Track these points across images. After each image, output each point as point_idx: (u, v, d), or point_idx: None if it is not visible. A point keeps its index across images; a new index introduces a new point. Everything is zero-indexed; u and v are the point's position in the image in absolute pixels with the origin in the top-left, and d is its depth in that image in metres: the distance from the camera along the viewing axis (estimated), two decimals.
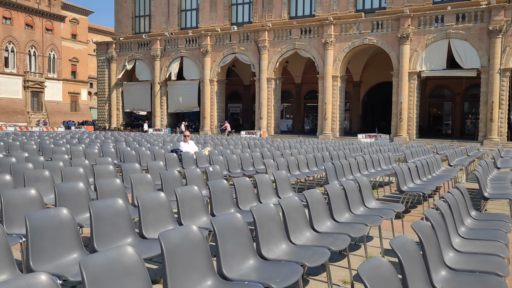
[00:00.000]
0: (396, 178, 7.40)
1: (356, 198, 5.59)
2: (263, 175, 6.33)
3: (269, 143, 16.94)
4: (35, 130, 34.68)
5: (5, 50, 59.76)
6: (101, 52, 46.47)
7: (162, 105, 43.68)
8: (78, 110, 69.75)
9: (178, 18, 44.70)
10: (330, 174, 7.69)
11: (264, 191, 6.07)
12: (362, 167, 9.64)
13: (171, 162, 8.96)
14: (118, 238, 4.09)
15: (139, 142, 16.67)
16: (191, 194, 5.17)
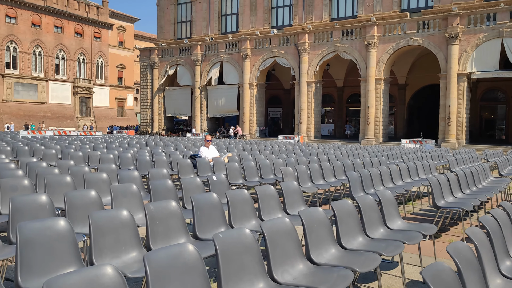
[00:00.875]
0: (431, 190, 6.46)
1: (375, 217, 4.76)
2: (268, 187, 5.70)
3: (302, 149, 16.15)
4: (73, 134, 35.61)
5: (56, 57, 62.30)
6: (144, 58, 47.29)
7: (202, 109, 43.75)
8: (124, 115, 71.58)
9: (219, 23, 44.71)
10: (354, 186, 6.85)
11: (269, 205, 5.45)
12: (395, 177, 8.68)
13: (184, 169, 8.45)
14: (172, 238, 4.22)
15: (175, 145, 16.41)
16: (241, 197, 5.25)
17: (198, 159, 9.42)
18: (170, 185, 5.97)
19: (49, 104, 61.48)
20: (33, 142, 16.51)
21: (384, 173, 8.27)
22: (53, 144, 15.08)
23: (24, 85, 58.60)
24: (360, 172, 7.36)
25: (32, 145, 13.57)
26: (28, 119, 57.04)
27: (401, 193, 8.10)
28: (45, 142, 16.89)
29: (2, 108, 56.03)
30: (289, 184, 5.74)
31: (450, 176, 7.66)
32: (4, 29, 56.04)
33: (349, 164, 9.80)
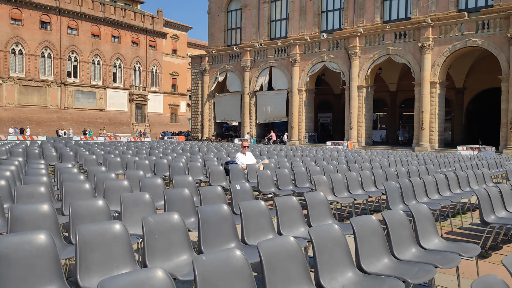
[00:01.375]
0: (479, 204, 5.81)
1: (406, 235, 4.28)
2: (318, 193, 5.46)
3: (348, 156, 15.54)
4: (123, 139, 36.78)
5: (113, 66, 65.01)
6: (195, 65, 48.19)
7: (251, 115, 43.82)
8: (177, 121, 73.32)
9: (268, 28, 44.71)
10: (391, 197, 6.32)
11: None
12: (442, 187, 8.00)
13: (216, 176, 8.26)
14: (223, 242, 4.30)
15: (216, 152, 16.37)
16: (290, 204, 5.28)
17: (231, 165, 9.21)
18: (219, 190, 6.11)
19: (107, 111, 64.17)
20: (92, 147, 17.11)
21: (429, 183, 7.64)
22: (111, 149, 15.57)
23: (83, 93, 61.57)
24: (400, 182, 6.81)
25: (92, 150, 14.12)
26: (87, 125, 59.82)
27: (448, 206, 7.43)
28: (94, 147, 17.42)
29: (63, 114, 59.14)
30: (315, 195, 5.36)
31: (503, 188, 6.92)
32: (66, 40, 59.24)
33: (392, 172, 9.19)
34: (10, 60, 54.30)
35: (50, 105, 58.28)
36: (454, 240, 6.55)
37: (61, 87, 59.12)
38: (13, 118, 53.92)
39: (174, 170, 9.07)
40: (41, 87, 57.30)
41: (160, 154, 13.03)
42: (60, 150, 14.10)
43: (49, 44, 57.60)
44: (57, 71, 58.60)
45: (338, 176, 7.48)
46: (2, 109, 53.64)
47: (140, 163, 9.73)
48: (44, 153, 13.71)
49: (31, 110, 56.19)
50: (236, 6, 46.93)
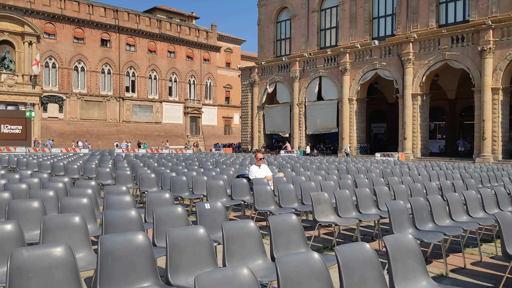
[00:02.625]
0: (501, 233, 4.68)
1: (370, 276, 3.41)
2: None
3: (391, 168, 14.31)
4: (164, 151, 37.19)
5: (169, 80, 66.86)
6: (244, 77, 48.21)
7: (301, 126, 42.92)
8: (230, 133, 73.84)
9: (317, 37, 43.80)
10: (396, 220, 5.29)
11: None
12: (473, 207, 6.80)
13: (215, 191, 7.62)
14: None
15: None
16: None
17: (235, 180, 8.53)
18: (348, 194, 6.59)
19: (163, 124, 65.94)
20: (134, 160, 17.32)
21: (454, 202, 6.50)
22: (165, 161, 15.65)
23: (141, 106, 63.72)
24: (411, 202, 5.80)
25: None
26: (144, 138, 61.72)
27: (476, 230, 6.26)
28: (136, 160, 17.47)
29: (122, 128, 61.46)
30: (284, 218, 4.56)
31: None
32: (125, 56, 61.77)
33: (419, 188, 8.05)
34: (73, 77, 57.39)
35: (109, 119, 60.82)
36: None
37: (120, 102, 61.57)
38: (75, 132, 56.75)
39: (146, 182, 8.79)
40: (101, 101, 59.99)
41: (184, 169, 12.63)
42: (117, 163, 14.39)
43: (109, 60, 60.32)
44: (116, 86, 61.15)
45: (345, 193, 6.55)
46: (65, 123, 56.68)
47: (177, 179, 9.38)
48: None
49: (91, 124, 58.91)
50: (285, 16, 46.52)
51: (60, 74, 56.14)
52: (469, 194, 6.87)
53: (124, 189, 7.07)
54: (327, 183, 8.19)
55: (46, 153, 26.70)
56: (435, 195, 6.47)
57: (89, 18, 58.11)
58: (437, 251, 6.30)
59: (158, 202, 6.16)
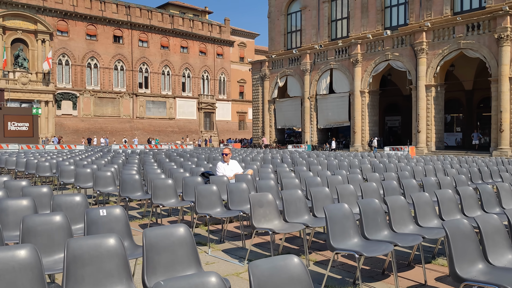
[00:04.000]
0: (449, 247, 3.81)
1: None
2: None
3: (400, 163, 13.44)
4: (164, 147, 36.77)
5: (182, 76, 66.62)
6: (255, 71, 47.47)
7: (312, 120, 41.96)
8: (245, 128, 73.24)
9: (328, 29, 42.68)
10: (333, 229, 4.44)
11: None
12: (447, 209, 5.93)
13: (191, 188, 7.07)
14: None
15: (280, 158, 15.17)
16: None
17: (214, 177, 7.83)
18: (300, 194, 6.02)
19: (176, 120, 65.80)
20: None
21: (423, 204, 5.64)
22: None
23: (154, 102, 63.68)
24: (387, 201, 5.03)
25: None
26: (157, 134, 61.71)
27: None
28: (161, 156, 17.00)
29: (135, 124, 61.56)
30: (169, 231, 3.75)
31: None
32: (138, 52, 61.75)
33: (413, 185, 7.26)
34: (86, 74, 57.66)
35: (123, 115, 60.97)
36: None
37: (133, 98, 61.65)
38: (89, 129, 57.07)
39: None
40: (115, 98, 60.16)
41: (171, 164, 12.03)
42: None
43: (122, 57, 60.39)
44: (129, 82, 61.22)
45: (297, 194, 5.73)
46: (79, 120, 57.05)
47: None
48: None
49: (105, 120, 59.15)
50: (296, 8, 45.50)
51: (73, 71, 56.47)
52: (444, 194, 6.00)
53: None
54: (291, 181, 7.44)
55: (38, 150, 26.48)
56: (419, 193, 5.69)
57: (101, 15, 58.22)
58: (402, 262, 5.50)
59: None
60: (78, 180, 9.19)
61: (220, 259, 5.42)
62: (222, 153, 8.69)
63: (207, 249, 5.79)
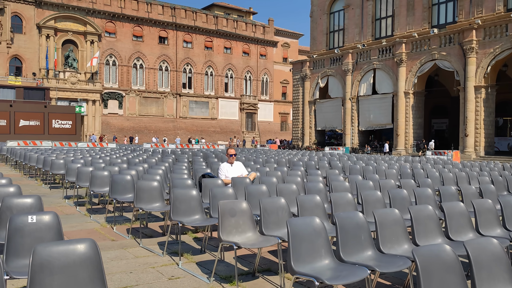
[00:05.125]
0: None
1: None
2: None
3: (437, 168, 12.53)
4: (195, 147, 36.67)
5: (225, 76, 66.97)
6: (296, 71, 46.80)
7: (353, 122, 40.77)
8: (287, 129, 72.59)
9: (372, 28, 41.32)
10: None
11: None
12: (455, 226, 5.20)
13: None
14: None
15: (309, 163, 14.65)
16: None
17: (206, 180, 7.37)
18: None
19: (219, 120, 66.23)
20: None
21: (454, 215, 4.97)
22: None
23: (197, 103, 64.40)
24: (375, 215, 4.43)
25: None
26: (200, 133, 62.34)
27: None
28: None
29: (178, 123, 62.50)
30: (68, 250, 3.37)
31: None
32: (182, 53, 62.68)
33: (452, 192, 6.53)
34: (132, 74, 59.17)
35: (166, 115, 62.06)
36: None
37: (177, 98, 62.62)
38: (134, 127, 58.51)
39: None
40: (159, 98, 61.36)
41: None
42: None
43: (166, 57, 61.51)
44: (173, 83, 62.26)
45: (279, 202, 5.16)
46: (124, 119, 58.61)
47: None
48: None
49: (149, 119, 60.45)
50: (339, 6, 44.43)
51: (120, 71, 58.09)
52: (454, 207, 5.26)
53: None
54: (287, 186, 6.85)
55: (70, 148, 26.94)
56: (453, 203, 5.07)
57: (148, 16, 59.56)
58: None
59: None
60: (80, 179, 8.94)
61: (188, 273, 4.85)
62: (228, 154, 8.23)
63: (180, 260, 5.24)
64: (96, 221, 7.55)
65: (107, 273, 4.66)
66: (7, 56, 50.14)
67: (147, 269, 4.94)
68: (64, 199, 9.86)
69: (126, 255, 5.46)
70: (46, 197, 10.23)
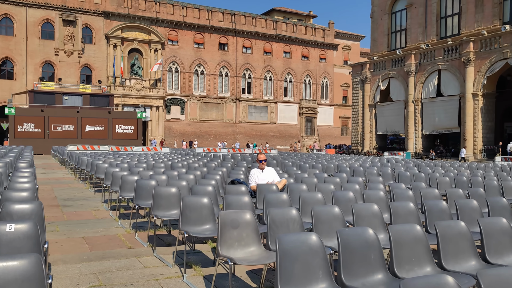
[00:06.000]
0: None
1: None
2: None
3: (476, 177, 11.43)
4: (248, 151, 36.21)
5: (284, 81, 66.72)
6: (355, 74, 45.48)
7: (416, 126, 38.79)
8: (347, 134, 70.79)
9: (437, 26, 39.14)
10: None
11: None
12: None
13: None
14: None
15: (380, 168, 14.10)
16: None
17: (260, 185, 6.93)
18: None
19: (277, 124, 66.03)
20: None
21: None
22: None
23: (256, 107, 64.68)
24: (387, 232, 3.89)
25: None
26: (258, 138, 62.52)
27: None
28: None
29: (238, 128, 63.10)
30: None
31: None
32: (241, 59, 63.31)
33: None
34: (194, 80, 60.64)
35: (226, 119, 62.90)
36: None
37: (236, 103, 63.29)
38: (195, 132, 59.85)
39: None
40: (219, 103, 62.35)
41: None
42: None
43: (226, 63, 62.42)
44: (232, 88, 63.02)
45: (291, 213, 4.69)
46: (186, 124, 60.15)
47: None
48: None
49: (210, 124, 61.56)
50: (401, 6, 42.60)
51: (182, 78, 59.75)
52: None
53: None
54: (343, 194, 6.34)
55: (126, 152, 27.66)
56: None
57: (209, 24, 60.82)
58: None
59: None
60: (114, 184, 8.91)
61: (190, 287, 4.53)
62: (258, 159, 7.88)
63: (188, 272, 4.91)
64: (123, 227, 7.51)
65: (107, 285, 4.51)
66: (78, 66, 53.34)
67: (149, 281, 4.70)
68: (102, 203, 10.01)
69: (135, 265, 5.28)
70: (87, 201, 10.48)
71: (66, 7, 52.30)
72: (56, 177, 16.26)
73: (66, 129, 36.21)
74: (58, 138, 35.24)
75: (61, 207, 9.54)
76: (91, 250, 5.92)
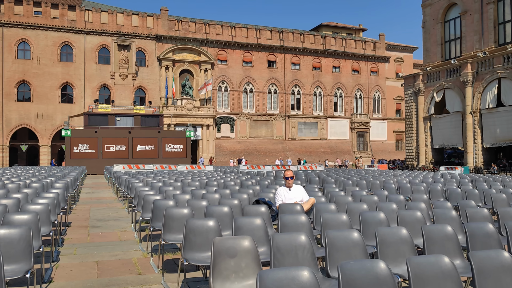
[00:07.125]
0: None
1: None
2: None
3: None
4: (292, 168, 35.17)
5: (334, 96, 65.62)
6: (408, 86, 43.74)
7: (476, 138, 36.45)
8: (402, 148, 68.12)
9: (494, 33, 36.88)
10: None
11: None
12: None
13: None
14: None
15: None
16: None
17: (283, 206, 6.48)
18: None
19: (328, 140, 64.80)
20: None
21: None
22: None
23: (306, 123, 63.92)
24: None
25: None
26: (309, 154, 61.59)
27: None
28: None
29: (287, 145, 62.55)
30: None
31: None
32: (290, 75, 63.10)
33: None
34: (243, 98, 61.08)
35: (275, 136, 62.60)
36: None
37: (285, 120, 62.91)
38: (245, 150, 59.98)
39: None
40: (268, 120, 62.25)
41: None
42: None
43: (275, 80, 62.42)
44: (281, 104, 62.79)
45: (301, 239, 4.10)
46: (236, 142, 60.47)
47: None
48: None
49: (259, 142, 61.50)
50: (455, 14, 40.68)
51: (231, 96, 60.37)
52: None
53: None
54: (410, 214, 5.71)
55: (170, 170, 27.83)
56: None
57: (257, 42, 61.31)
58: None
59: None
60: (139, 204, 8.69)
61: None
62: (284, 176, 7.36)
63: None
64: (142, 250, 7.23)
65: None
66: (132, 88, 55.41)
67: None
68: (131, 224, 9.87)
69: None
70: (118, 221, 10.39)
71: (121, 32, 54.74)
72: (98, 196, 16.56)
73: (118, 149, 37.42)
74: (111, 158, 36.47)
75: (89, 228, 9.49)
76: (98, 276, 5.66)
